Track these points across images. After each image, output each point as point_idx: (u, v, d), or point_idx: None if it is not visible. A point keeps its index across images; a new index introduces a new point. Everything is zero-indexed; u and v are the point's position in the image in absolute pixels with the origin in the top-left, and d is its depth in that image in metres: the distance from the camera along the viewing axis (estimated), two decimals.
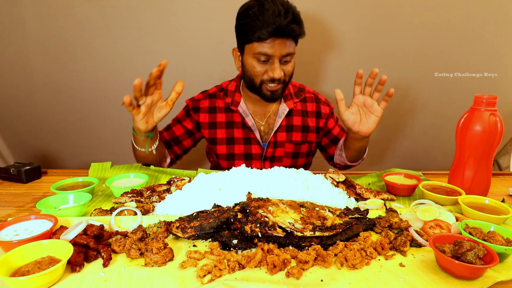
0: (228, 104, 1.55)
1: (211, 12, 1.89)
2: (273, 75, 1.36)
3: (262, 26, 1.27)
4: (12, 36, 1.92)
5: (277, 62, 1.35)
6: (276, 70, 1.35)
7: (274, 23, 1.26)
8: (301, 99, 1.61)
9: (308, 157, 1.68)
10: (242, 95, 1.57)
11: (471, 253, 0.73)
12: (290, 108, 1.56)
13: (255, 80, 1.42)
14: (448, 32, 1.92)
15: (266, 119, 1.58)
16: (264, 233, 0.83)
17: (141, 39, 1.94)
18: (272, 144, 1.58)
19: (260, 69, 1.38)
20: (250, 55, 1.37)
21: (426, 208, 0.98)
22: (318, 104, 1.64)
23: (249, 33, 1.32)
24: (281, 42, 1.31)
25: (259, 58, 1.35)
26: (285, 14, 1.27)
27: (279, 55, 1.33)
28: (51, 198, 1.04)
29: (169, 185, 1.20)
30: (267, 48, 1.32)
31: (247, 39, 1.35)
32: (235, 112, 1.56)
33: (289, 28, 1.28)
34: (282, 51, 1.33)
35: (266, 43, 1.31)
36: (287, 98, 1.58)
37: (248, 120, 1.55)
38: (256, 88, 1.44)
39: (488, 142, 1.12)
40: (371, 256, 0.81)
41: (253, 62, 1.38)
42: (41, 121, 2.19)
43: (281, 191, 1.06)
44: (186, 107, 1.62)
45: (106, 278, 0.73)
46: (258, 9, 1.29)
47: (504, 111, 1.31)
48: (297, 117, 1.59)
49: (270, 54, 1.33)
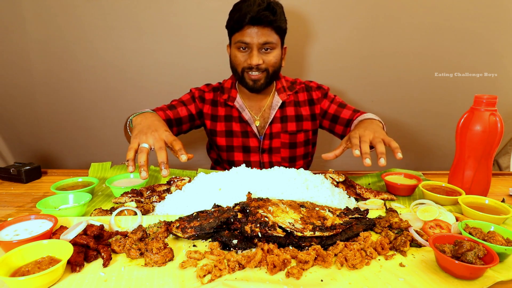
0: (225, 100, 1.61)
1: (211, 12, 1.89)
2: (250, 62, 1.42)
3: (239, 16, 1.38)
4: (12, 36, 1.92)
5: (255, 49, 1.41)
6: (253, 57, 1.42)
7: (249, 12, 1.35)
8: (294, 92, 1.64)
9: (307, 146, 1.68)
10: (238, 91, 1.62)
11: (471, 253, 0.73)
12: (283, 100, 1.59)
13: (237, 69, 1.49)
14: (448, 32, 1.92)
15: (261, 113, 1.61)
16: (264, 233, 0.83)
17: (141, 39, 1.94)
18: (268, 136, 1.61)
19: (241, 58, 1.46)
20: (233, 46, 1.47)
21: (426, 208, 0.98)
22: (309, 92, 1.66)
23: (230, 24, 1.44)
24: (258, 31, 1.38)
25: (239, 46, 1.43)
26: (259, 4, 1.36)
27: (256, 43, 1.40)
28: (51, 198, 1.04)
29: (169, 185, 1.20)
30: (245, 36, 1.40)
31: (231, 30, 1.46)
32: (232, 107, 1.60)
33: (260, 14, 1.35)
34: (259, 39, 1.39)
35: (244, 32, 1.39)
36: (281, 91, 1.61)
37: (244, 114, 1.59)
38: (239, 77, 1.51)
39: (488, 142, 1.12)
40: (371, 256, 0.81)
41: (235, 52, 1.46)
42: (41, 121, 2.19)
43: (281, 191, 1.06)
44: (192, 94, 1.65)
45: (106, 278, 0.73)
46: (240, 3, 1.41)
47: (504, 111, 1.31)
48: (290, 108, 1.62)
49: (247, 42, 1.40)
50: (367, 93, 2.10)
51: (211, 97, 1.64)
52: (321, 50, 1.99)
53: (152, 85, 2.07)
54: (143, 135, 1.08)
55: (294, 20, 1.90)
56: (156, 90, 2.08)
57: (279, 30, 1.43)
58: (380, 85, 2.07)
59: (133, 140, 1.08)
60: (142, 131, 1.10)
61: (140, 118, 1.22)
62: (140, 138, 1.07)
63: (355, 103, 2.13)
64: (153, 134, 1.08)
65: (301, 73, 2.05)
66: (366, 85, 2.08)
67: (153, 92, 2.08)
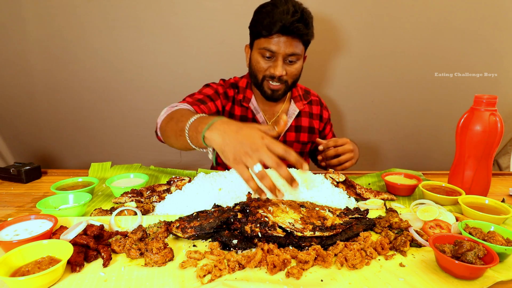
0: (240, 100, 1.56)
1: (211, 12, 1.89)
2: (274, 72, 1.38)
3: (270, 22, 1.31)
4: (12, 36, 1.92)
5: (280, 59, 1.36)
6: (278, 68, 1.37)
7: (281, 20, 1.29)
8: (308, 101, 1.64)
9: (307, 157, 1.73)
10: (253, 92, 1.59)
11: (471, 253, 0.73)
12: (300, 109, 1.59)
13: (257, 76, 1.44)
14: (448, 32, 1.92)
15: (275, 119, 1.59)
16: (264, 233, 0.83)
17: (141, 39, 1.94)
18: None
19: (264, 64, 1.40)
20: (257, 50, 1.40)
21: (426, 208, 0.98)
22: (321, 107, 1.69)
23: (258, 28, 1.36)
24: (286, 41, 1.33)
25: (264, 53, 1.37)
26: (293, 13, 1.29)
27: (283, 53, 1.34)
28: (51, 198, 1.04)
29: (169, 185, 1.20)
30: (272, 44, 1.34)
31: (256, 34, 1.39)
32: (248, 108, 1.57)
33: (293, 26, 1.29)
34: (287, 49, 1.34)
35: (272, 39, 1.33)
36: (297, 99, 1.60)
37: (259, 117, 1.57)
38: (258, 84, 1.46)
39: (488, 142, 1.12)
40: (371, 256, 0.81)
41: (258, 57, 1.40)
42: (41, 121, 2.19)
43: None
44: (215, 89, 1.53)
45: (106, 278, 0.73)
46: (270, 7, 1.33)
47: (504, 111, 1.31)
48: (305, 118, 1.62)
49: (274, 50, 1.34)
50: (367, 93, 2.10)
51: (231, 94, 1.58)
52: (321, 50, 1.99)
53: (152, 85, 2.07)
54: (247, 157, 0.85)
55: None
56: (156, 90, 2.08)
57: (307, 42, 1.40)
58: (380, 85, 2.07)
59: (238, 168, 0.86)
60: (241, 151, 0.85)
61: (219, 133, 0.89)
62: (247, 162, 0.85)
63: (355, 103, 2.13)
64: (257, 148, 0.85)
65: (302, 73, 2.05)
66: (366, 85, 2.08)
67: (153, 92, 2.08)
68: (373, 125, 2.20)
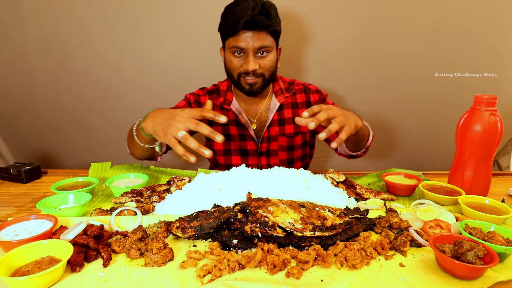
0: (221, 103, 1.58)
1: (211, 12, 1.88)
2: (247, 67, 1.39)
3: (233, 20, 1.34)
4: (12, 36, 1.92)
5: (251, 55, 1.38)
6: (250, 63, 1.38)
7: (242, 17, 1.32)
8: (292, 93, 1.63)
9: (304, 148, 1.68)
10: (234, 94, 1.60)
11: (471, 253, 0.73)
12: (281, 103, 1.58)
13: (233, 74, 1.46)
14: (448, 32, 1.92)
15: (258, 116, 1.60)
16: (264, 233, 0.83)
17: (141, 39, 1.94)
18: (266, 139, 1.60)
19: (236, 63, 1.42)
20: (228, 50, 1.43)
21: (426, 208, 0.98)
22: (307, 94, 1.65)
23: (224, 29, 1.39)
24: (253, 35, 1.35)
25: (234, 51, 1.40)
26: (253, 7, 1.32)
27: (252, 47, 1.36)
28: (51, 198, 1.04)
29: (169, 185, 1.20)
30: (240, 41, 1.36)
31: (224, 35, 1.42)
32: (229, 111, 1.58)
33: (255, 19, 1.32)
34: (255, 43, 1.36)
35: (239, 37, 1.36)
36: (278, 94, 1.60)
37: (241, 117, 1.57)
38: (235, 82, 1.48)
39: (488, 142, 1.12)
40: (371, 256, 0.81)
41: (230, 57, 1.43)
42: (41, 121, 2.19)
43: (281, 191, 1.06)
44: (187, 99, 1.62)
45: (106, 278, 0.73)
46: (233, 6, 1.36)
47: (504, 111, 1.31)
48: (287, 110, 1.60)
49: (243, 47, 1.37)
50: (367, 93, 2.10)
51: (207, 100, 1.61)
52: (321, 50, 1.99)
53: (152, 85, 2.07)
54: (171, 128, 1.04)
55: (292, 20, 1.90)
56: (156, 90, 2.08)
57: (274, 33, 1.41)
58: (380, 85, 2.07)
59: (167, 139, 1.05)
60: (166, 125, 1.06)
61: (150, 119, 1.14)
62: (171, 132, 1.03)
63: (355, 103, 2.13)
64: (178, 119, 1.04)
65: (300, 74, 2.05)
66: (366, 85, 2.08)
67: (153, 92, 2.08)
68: (373, 125, 2.20)
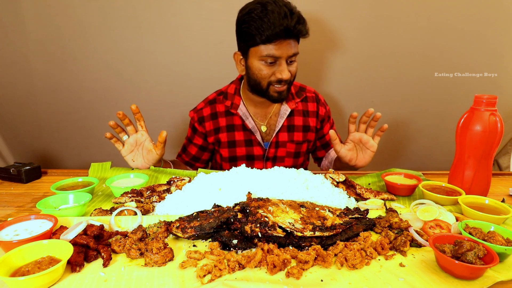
0: (228, 107, 1.56)
1: (211, 12, 1.89)
2: (281, 76, 1.36)
3: (269, 28, 1.26)
4: (12, 36, 1.92)
5: (284, 63, 1.35)
6: (285, 71, 1.35)
7: (282, 25, 1.26)
8: (302, 98, 1.61)
9: (306, 155, 1.71)
10: (242, 98, 1.57)
11: (471, 253, 0.73)
12: (291, 109, 1.57)
13: (262, 83, 1.41)
14: (448, 32, 1.92)
15: (267, 120, 1.58)
16: (264, 233, 0.83)
17: (141, 39, 1.94)
18: (274, 145, 1.58)
19: (267, 71, 1.37)
20: (256, 58, 1.36)
21: (426, 208, 0.98)
22: (318, 104, 1.65)
23: (254, 36, 1.31)
24: (287, 43, 1.32)
25: (266, 60, 1.34)
26: (291, 15, 1.27)
27: (286, 56, 1.33)
28: (51, 198, 1.04)
29: (169, 185, 1.20)
30: (275, 50, 1.31)
31: (252, 42, 1.33)
32: (235, 115, 1.56)
33: (296, 29, 1.28)
34: (289, 51, 1.33)
35: (273, 45, 1.31)
36: (289, 99, 1.58)
37: (248, 122, 1.55)
38: (263, 90, 1.43)
39: (488, 142, 1.12)
40: (371, 256, 0.81)
41: (259, 65, 1.37)
42: (41, 121, 2.19)
43: (281, 191, 1.06)
44: (192, 122, 1.63)
45: (106, 278, 0.73)
46: (261, 11, 1.27)
47: (504, 111, 1.32)
48: (298, 117, 1.60)
49: (277, 55, 1.33)
50: (367, 93, 2.10)
51: (209, 111, 1.59)
52: (321, 50, 1.99)
53: (152, 85, 2.07)
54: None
55: None
56: (156, 90, 2.08)
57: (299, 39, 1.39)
58: (380, 85, 2.07)
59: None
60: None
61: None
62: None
63: (355, 103, 2.13)
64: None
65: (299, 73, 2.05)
66: (366, 86, 2.08)
67: (153, 92, 2.08)
68: None
